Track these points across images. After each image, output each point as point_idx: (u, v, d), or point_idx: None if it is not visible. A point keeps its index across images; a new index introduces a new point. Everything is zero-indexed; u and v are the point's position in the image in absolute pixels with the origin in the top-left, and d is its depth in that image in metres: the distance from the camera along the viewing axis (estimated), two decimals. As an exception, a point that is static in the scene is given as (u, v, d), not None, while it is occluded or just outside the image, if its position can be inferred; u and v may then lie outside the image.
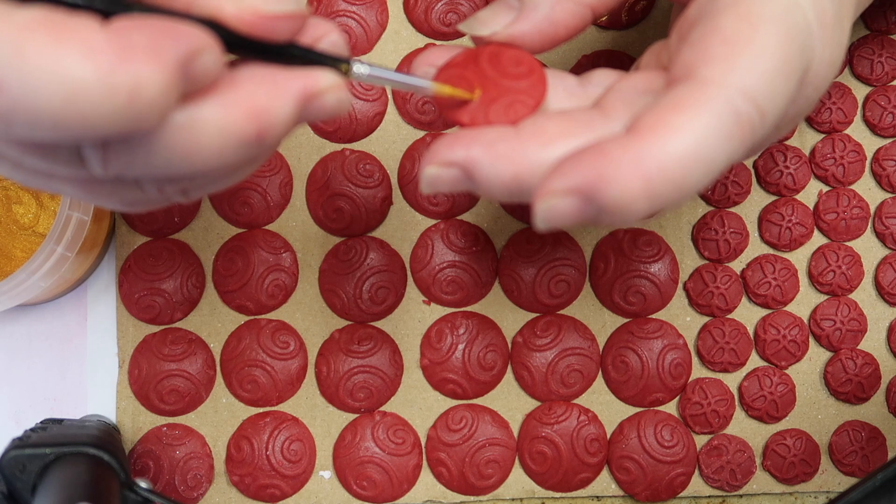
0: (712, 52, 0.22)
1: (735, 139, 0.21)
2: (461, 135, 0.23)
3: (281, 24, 0.20)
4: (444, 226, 0.40)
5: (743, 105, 0.21)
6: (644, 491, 0.39)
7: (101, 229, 0.38)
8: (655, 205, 0.20)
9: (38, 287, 0.33)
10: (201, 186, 0.22)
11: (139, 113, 0.17)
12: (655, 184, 0.20)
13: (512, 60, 0.24)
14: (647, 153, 0.20)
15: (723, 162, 0.21)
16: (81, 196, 0.21)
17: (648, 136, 0.20)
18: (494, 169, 0.22)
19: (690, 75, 0.22)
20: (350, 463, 0.38)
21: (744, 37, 0.22)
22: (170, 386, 0.38)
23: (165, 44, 0.17)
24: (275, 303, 0.39)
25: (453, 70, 0.24)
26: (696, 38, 0.22)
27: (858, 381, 0.40)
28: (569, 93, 0.25)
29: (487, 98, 0.24)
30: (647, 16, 0.41)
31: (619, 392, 0.39)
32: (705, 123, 0.20)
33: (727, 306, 0.40)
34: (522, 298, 0.39)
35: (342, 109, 0.21)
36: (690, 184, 0.21)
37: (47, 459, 0.29)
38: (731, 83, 0.21)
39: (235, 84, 0.19)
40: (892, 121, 0.40)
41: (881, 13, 0.41)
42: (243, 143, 0.19)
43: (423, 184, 0.23)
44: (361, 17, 0.40)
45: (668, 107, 0.21)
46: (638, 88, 0.24)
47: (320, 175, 0.40)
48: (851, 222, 0.40)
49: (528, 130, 0.23)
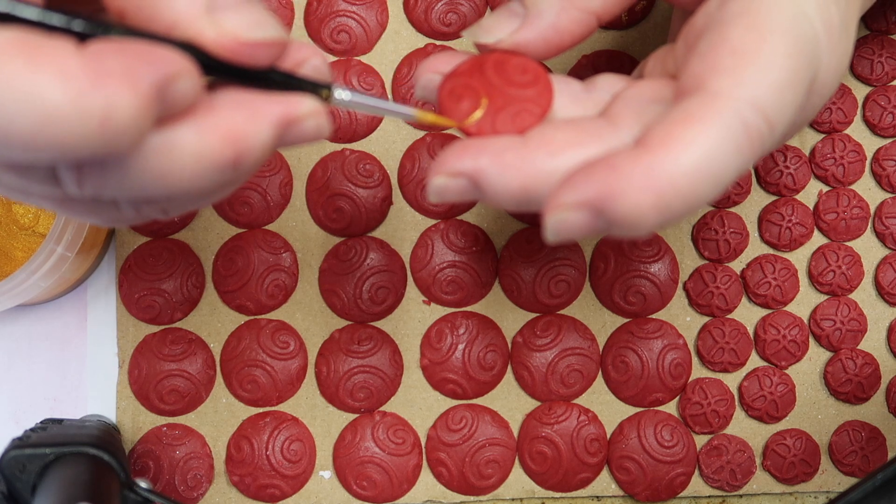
0: (721, 64, 0.22)
1: (744, 151, 0.21)
2: (469, 145, 0.23)
3: (262, 51, 0.20)
4: (444, 226, 0.40)
5: (752, 117, 0.21)
6: (644, 491, 0.39)
7: (101, 229, 0.38)
8: (666, 218, 0.21)
9: (38, 287, 0.33)
10: (179, 206, 0.22)
11: (112, 137, 0.17)
12: (666, 198, 0.20)
13: (517, 69, 0.24)
14: (658, 167, 0.20)
15: (732, 174, 0.21)
16: (60, 212, 0.21)
17: (659, 149, 0.20)
18: (503, 179, 0.22)
19: (700, 87, 0.22)
20: (350, 463, 0.38)
21: (752, 48, 0.22)
22: (170, 386, 0.38)
23: (141, 68, 0.17)
24: (275, 303, 0.39)
25: (458, 79, 0.24)
26: (705, 48, 0.22)
27: (858, 381, 0.40)
28: (574, 99, 0.25)
29: (494, 107, 0.24)
30: (646, 16, 0.41)
31: (619, 392, 0.39)
32: (715, 137, 0.21)
33: (727, 306, 0.40)
34: (522, 298, 0.39)
35: (322, 135, 0.21)
36: (700, 197, 0.21)
37: (47, 459, 0.29)
38: (740, 96, 0.21)
39: (213, 108, 0.19)
40: (892, 121, 0.40)
41: (881, 13, 0.41)
42: (220, 168, 0.19)
43: (431, 194, 0.23)
44: (361, 17, 0.40)
45: (677, 120, 0.21)
46: (645, 97, 0.24)
47: (320, 175, 0.40)
48: (851, 222, 0.40)
49: (535, 140, 0.23)
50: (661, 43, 0.40)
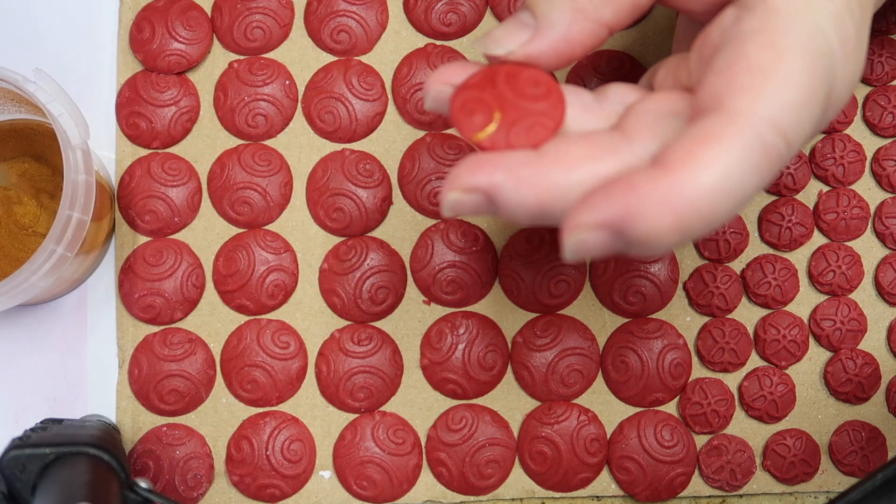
0: (739, 82, 0.22)
1: (763, 170, 0.21)
2: (483, 159, 0.23)
3: None
4: (444, 226, 0.40)
5: (770, 136, 0.21)
6: (644, 491, 0.39)
7: (100, 229, 0.38)
8: (684, 238, 0.21)
9: (37, 287, 0.33)
10: None
11: None
12: (686, 218, 0.20)
13: (530, 81, 0.24)
14: (678, 188, 0.20)
15: (751, 193, 0.21)
16: None
17: (679, 170, 0.20)
18: (518, 194, 0.22)
19: (718, 106, 0.22)
20: (350, 463, 0.38)
21: (770, 66, 0.22)
22: (170, 386, 0.38)
23: None
24: (275, 303, 0.39)
25: (470, 92, 0.24)
26: (722, 65, 0.22)
27: (858, 381, 0.40)
28: (586, 110, 0.25)
29: (507, 121, 0.24)
30: (647, 16, 0.41)
31: (619, 392, 0.39)
32: (735, 157, 0.21)
33: (727, 306, 0.40)
34: (522, 298, 0.39)
35: None
36: (719, 217, 0.21)
37: (47, 459, 0.29)
38: (759, 115, 0.21)
39: None
40: (892, 121, 0.40)
41: (881, 13, 0.41)
42: None
43: (445, 209, 0.23)
44: (361, 17, 0.40)
45: (696, 139, 0.21)
46: (660, 111, 0.24)
47: (320, 175, 0.40)
48: (851, 222, 0.40)
49: (550, 155, 0.23)
50: (662, 44, 0.41)
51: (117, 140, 0.40)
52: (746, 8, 0.23)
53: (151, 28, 0.39)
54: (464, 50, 0.41)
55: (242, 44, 0.40)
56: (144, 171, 0.39)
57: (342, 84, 0.40)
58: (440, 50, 0.40)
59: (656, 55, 0.41)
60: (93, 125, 0.36)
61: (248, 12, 0.40)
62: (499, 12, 0.41)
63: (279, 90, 0.40)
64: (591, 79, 0.40)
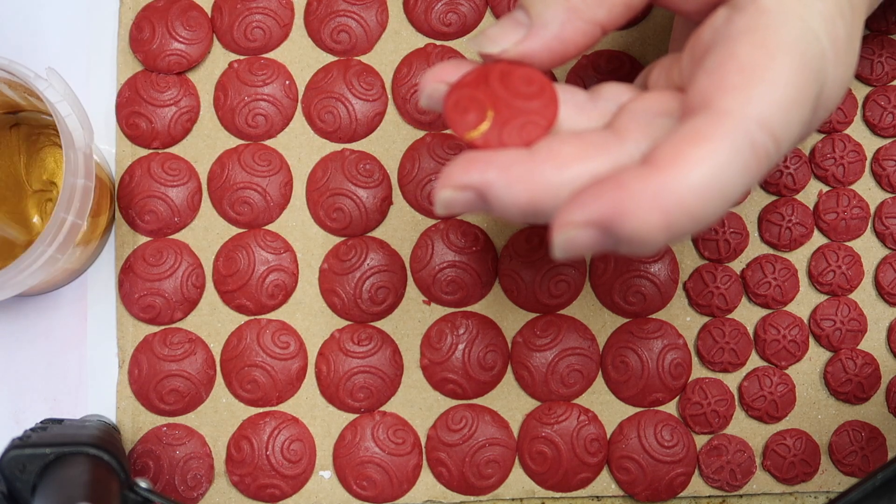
0: (729, 82, 0.22)
1: (751, 170, 0.21)
2: (476, 158, 0.23)
3: None
4: (444, 226, 0.40)
5: (759, 136, 0.21)
6: (644, 491, 0.39)
7: (99, 223, 0.38)
8: (673, 236, 0.21)
9: (25, 284, 0.32)
10: None
11: None
12: (674, 216, 0.20)
13: (523, 80, 0.24)
14: (666, 186, 0.20)
15: (739, 192, 0.21)
16: None
17: (667, 168, 0.21)
18: (510, 192, 0.22)
19: (708, 105, 0.22)
20: (350, 463, 0.38)
21: (760, 66, 0.22)
22: (170, 386, 0.38)
23: None
24: (275, 303, 0.39)
25: (464, 90, 0.24)
26: (712, 65, 0.22)
27: (858, 381, 0.40)
28: (579, 109, 0.25)
29: (500, 119, 0.24)
30: (646, 16, 0.41)
31: (619, 392, 0.39)
32: (724, 156, 0.21)
33: (727, 306, 0.40)
34: (522, 298, 0.39)
35: None
36: (707, 215, 0.21)
37: (47, 459, 0.29)
38: (748, 114, 0.21)
39: None
40: (892, 121, 0.40)
41: (881, 13, 0.41)
42: None
43: (438, 206, 0.23)
44: (361, 17, 0.40)
45: (686, 138, 0.21)
46: (652, 110, 0.24)
47: (320, 175, 0.40)
48: (851, 222, 0.40)
49: (542, 153, 0.23)
50: (661, 44, 0.41)
51: (117, 140, 0.40)
52: (737, 8, 0.23)
53: (151, 28, 0.39)
54: (464, 50, 0.41)
55: (242, 44, 0.40)
56: (144, 171, 0.39)
57: (342, 84, 0.40)
58: (440, 50, 0.40)
59: (656, 55, 0.41)
60: (93, 125, 0.36)
61: (248, 12, 0.40)
62: (499, 12, 0.41)
63: (279, 90, 0.40)
64: (591, 78, 0.40)
